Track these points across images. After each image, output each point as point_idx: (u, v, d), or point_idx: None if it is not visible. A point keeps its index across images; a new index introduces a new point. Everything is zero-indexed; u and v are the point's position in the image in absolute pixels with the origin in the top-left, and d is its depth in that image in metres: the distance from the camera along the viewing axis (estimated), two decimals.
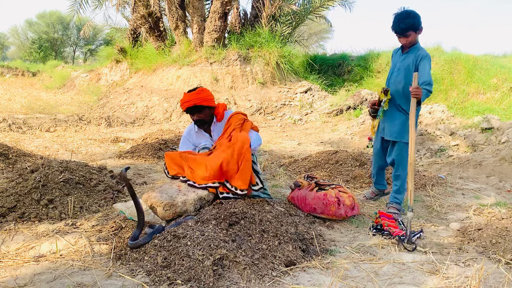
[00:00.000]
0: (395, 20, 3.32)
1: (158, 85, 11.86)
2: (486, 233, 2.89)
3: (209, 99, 3.40)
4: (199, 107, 3.37)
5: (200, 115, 3.42)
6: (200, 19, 12.11)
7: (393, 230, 3.01)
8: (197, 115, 3.42)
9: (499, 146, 5.98)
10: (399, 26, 3.29)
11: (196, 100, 3.32)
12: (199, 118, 3.44)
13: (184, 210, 2.93)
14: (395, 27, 3.33)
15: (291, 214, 3.07)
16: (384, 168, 3.86)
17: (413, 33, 3.31)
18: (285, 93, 11.25)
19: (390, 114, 3.50)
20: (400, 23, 3.29)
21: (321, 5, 13.78)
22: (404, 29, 3.28)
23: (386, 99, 3.49)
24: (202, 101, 3.35)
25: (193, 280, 2.11)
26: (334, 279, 2.28)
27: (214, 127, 3.55)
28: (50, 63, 25.31)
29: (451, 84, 10.98)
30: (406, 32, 3.29)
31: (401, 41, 3.39)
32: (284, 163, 5.51)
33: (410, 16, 3.27)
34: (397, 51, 3.61)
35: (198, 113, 3.41)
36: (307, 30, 25.43)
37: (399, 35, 3.35)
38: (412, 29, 3.29)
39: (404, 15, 3.29)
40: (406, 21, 3.27)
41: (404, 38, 3.34)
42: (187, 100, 3.34)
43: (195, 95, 3.34)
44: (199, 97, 3.34)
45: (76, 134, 7.51)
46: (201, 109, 3.39)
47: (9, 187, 3.26)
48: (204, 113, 3.43)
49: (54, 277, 2.21)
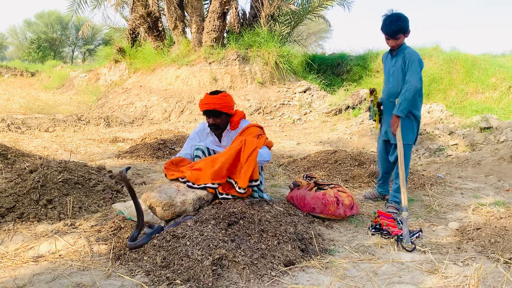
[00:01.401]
0: (386, 22, 3.35)
1: (157, 85, 11.86)
2: (485, 232, 2.89)
3: (229, 105, 3.33)
4: (218, 112, 3.30)
5: (217, 120, 3.35)
6: (199, 19, 12.10)
7: (392, 230, 3.01)
8: (214, 119, 3.35)
9: (497, 145, 5.99)
10: (391, 28, 3.33)
11: (216, 105, 3.25)
12: (215, 122, 3.37)
13: (183, 210, 2.93)
14: (386, 29, 3.36)
15: (290, 214, 3.07)
16: (389, 172, 3.89)
17: (402, 36, 3.37)
18: (284, 93, 11.25)
19: (390, 116, 3.53)
20: (391, 25, 3.32)
21: (319, 4, 13.78)
22: (396, 31, 3.33)
23: (374, 99, 3.66)
24: (222, 107, 3.28)
25: (192, 280, 2.11)
26: (333, 279, 2.28)
27: (226, 133, 3.48)
28: (49, 63, 25.28)
29: (450, 84, 11.00)
30: (397, 34, 3.34)
31: (390, 43, 3.43)
32: (283, 163, 5.52)
33: (400, 19, 3.32)
34: (387, 56, 3.65)
35: (215, 117, 3.34)
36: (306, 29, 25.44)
37: (389, 37, 3.38)
38: (402, 31, 3.34)
39: (395, 18, 3.33)
40: (397, 24, 3.31)
41: (394, 41, 3.38)
42: (208, 102, 3.27)
43: (216, 99, 3.27)
44: (220, 103, 3.26)
45: (75, 134, 7.50)
46: (219, 114, 3.32)
47: (8, 187, 3.25)
48: (220, 119, 3.36)
49: (53, 277, 2.20)
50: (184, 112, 10.41)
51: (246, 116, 3.56)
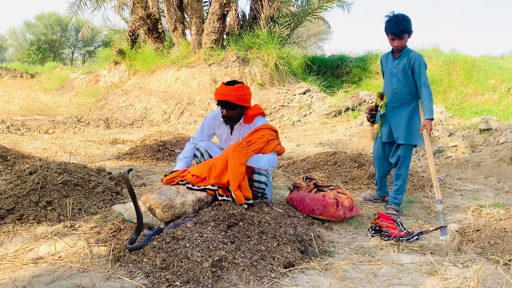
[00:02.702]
0: (392, 22, 3.35)
1: (156, 86, 11.86)
2: (485, 234, 2.89)
3: (245, 98, 3.21)
4: (232, 105, 3.19)
5: (231, 112, 3.24)
6: (198, 20, 12.12)
7: (392, 231, 3.01)
8: (228, 111, 3.23)
9: (497, 147, 6.00)
10: (398, 28, 3.33)
11: (231, 97, 3.14)
12: (229, 114, 3.25)
13: (183, 212, 2.93)
14: (392, 29, 3.36)
15: (289, 216, 3.07)
16: (387, 175, 3.89)
17: (407, 36, 3.39)
18: (284, 95, 11.26)
19: (395, 117, 3.53)
20: (398, 25, 3.33)
21: (319, 6, 13.79)
22: (402, 31, 3.34)
23: (383, 103, 3.57)
24: (237, 100, 3.16)
25: (192, 282, 2.11)
26: (332, 281, 2.28)
27: (239, 126, 3.38)
28: (49, 65, 25.30)
29: (450, 85, 11.01)
30: (403, 34, 3.35)
31: (395, 43, 3.42)
32: (282, 165, 5.52)
33: (406, 19, 3.34)
34: (387, 57, 3.64)
35: (229, 109, 3.22)
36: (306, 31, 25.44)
37: (395, 37, 3.38)
38: (407, 32, 3.36)
39: (401, 18, 3.34)
40: (403, 24, 3.33)
41: (399, 41, 3.39)
42: (223, 93, 3.16)
43: (232, 91, 3.15)
44: (236, 95, 3.15)
45: (74, 136, 7.50)
46: (234, 107, 3.21)
47: (8, 189, 3.25)
48: (235, 111, 3.24)
49: (52, 279, 2.20)
50: (184, 114, 10.41)
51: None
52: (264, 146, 3.19)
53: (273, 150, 3.21)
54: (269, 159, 3.18)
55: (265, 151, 3.19)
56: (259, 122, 3.35)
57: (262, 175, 3.20)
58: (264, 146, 3.19)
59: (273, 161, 3.22)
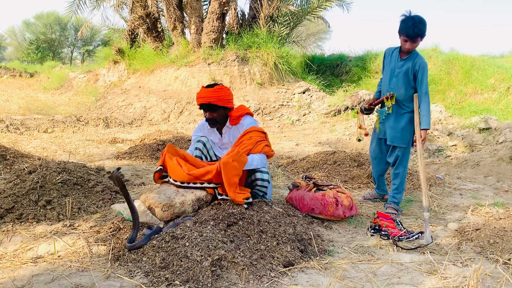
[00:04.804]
0: (409, 24, 3.18)
1: (156, 85, 11.85)
2: (484, 233, 2.89)
3: (226, 99, 3.23)
4: (214, 106, 3.21)
5: (213, 114, 3.26)
6: (198, 19, 12.11)
7: (391, 231, 3.01)
8: (210, 113, 3.26)
9: (496, 146, 6.00)
10: (414, 31, 3.18)
11: (211, 98, 3.16)
12: (211, 117, 3.28)
13: (182, 211, 2.93)
14: (408, 31, 3.19)
15: (289, 215, 3.07)
16: (384, 173, 3.88)
17: (419, 40, 3.25)
18: (283, 94, 11.25)
19: (391, 119, 3.51)
20: (414, 27, 3.17)
21: (318, 5, 13.78)
22: (418, 33, 3.20)
23: (391, 106, 3.49)
24: (218, 101, 3.18)
25: (191, 281, 2.11)
26: (332, 280, 2.28)
27: (227, 129, 3.40)
28: (48, 64, 25.24)
29: (449, 85, 11.01)
30: (417, 37, 3.22)
31: (407, 45, 3.28)
32: (282, 164, 5.52)
33: (422, 22, 3.18)
34: (392, 52, 3.52)
35: (211, 111, 3.25)
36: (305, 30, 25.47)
37: (408, 40, 3.24)
38: (421, 35, 3.23)
39: (418, 20, 3.18)
40: (419, 27, 3.17)
41: (412, 44, 3.26)
42: (203, 96, 3.19)
43: (212, 92, 3.17)
44: (216, 96, 3.17)
45: (74, 135, 7.49)
46: (216, 108, 3.23)
47: (7, 188, 3.25)
48: (217, 113, 3.27)
49: (52, 278, 2.20)
50: (183, 113, 10.41)
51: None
52: (253, 148, 3.21)
53: (261, 151, 3.23)
54: (260, 158, 3.20)
55: (254, 152, 3.20)
56: (246, 121, 3.37)
57: (265, 173, 3.21)
58: (253, 148, 3.21)
59: (264, 160, 3.24)
